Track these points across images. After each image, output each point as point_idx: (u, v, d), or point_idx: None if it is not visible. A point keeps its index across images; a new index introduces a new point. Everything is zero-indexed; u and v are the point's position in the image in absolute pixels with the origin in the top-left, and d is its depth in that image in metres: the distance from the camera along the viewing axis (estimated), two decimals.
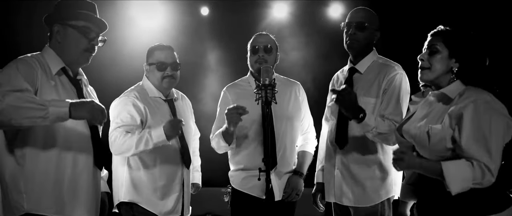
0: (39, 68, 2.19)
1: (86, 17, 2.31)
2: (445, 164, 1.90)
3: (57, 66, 2.27)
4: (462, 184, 1.87)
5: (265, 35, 2.95)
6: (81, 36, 2.29)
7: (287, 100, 2.94)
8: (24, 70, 2.13)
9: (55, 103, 2.04)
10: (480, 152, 1.87)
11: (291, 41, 5.28)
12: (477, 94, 1.96)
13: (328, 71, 3.16)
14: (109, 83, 3.97)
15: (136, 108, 2.71)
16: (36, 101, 2.02)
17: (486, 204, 1.92)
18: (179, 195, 2.79)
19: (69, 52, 2.29)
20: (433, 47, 2.07)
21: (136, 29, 5.16)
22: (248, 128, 2.85)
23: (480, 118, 1.89)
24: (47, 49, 2.31)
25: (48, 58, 2.27)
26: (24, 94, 2.04)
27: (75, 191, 2.23)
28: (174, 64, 2.82)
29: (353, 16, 2.71)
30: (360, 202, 2.63)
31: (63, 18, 2.30)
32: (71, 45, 2.29)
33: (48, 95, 2.15)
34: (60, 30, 2.29)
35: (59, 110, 2.02)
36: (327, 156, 2.79)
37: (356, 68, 2.71)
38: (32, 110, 1.99)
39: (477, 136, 1.88)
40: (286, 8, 5.44)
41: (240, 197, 2.88)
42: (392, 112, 2.54)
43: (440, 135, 1.96)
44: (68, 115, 2.04)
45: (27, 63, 2.17)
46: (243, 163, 2.87)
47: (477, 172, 1.87)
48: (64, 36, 2.29)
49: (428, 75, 2.08)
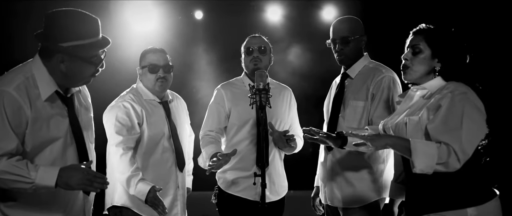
0: (28, 103, 1.95)
1: (96, 45, 2.06)
2: (413, 140, 1.93)
3: (48, 91, 2.01)
4: (426, 160, 1.89)
5: (258, 37, 2.97)
6: (90, 65, 2.06)
7: (279, 105, 2.95)
8: (12, 114, 1.91)
9: (42, 176, 1.89)
10: (449, 136, 1.90)
11: (285, 43, 5.30)
12: (456, 86, 1.99)
13: (323, 73, 3.18)
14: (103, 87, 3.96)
15: (134, 112, 2.72)
16: (23, 173, 1.89)
17: (469, 196, 1.95)
18: (173, 198, 2.78)
19: (73, 80, 2.08)
20: (416, 47, 2.10)
21: (130, 33, 5.15)
22: (240, 130, 2.85)
23: (454, 107, 1.92)
24: (40, 67, 2.01)
25: (40, 82, 1.99)
26: (12, 164, 1.88)
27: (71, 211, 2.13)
28: (166, 67, 2.82)
29: (335, 32, 2.73)
30: (350, 203, 2.65)
31: (70, 52, 1.99)
32: (77, 73, 2.05)
33: (38, 128, 1.97)
34: (66, 60, 2.01)
35: (46, 184, 1.90)
36: (321, 158, 2.82)
37: (348, 73, 2.75)
38: (17, 182, 1.90)
39: (449, 122, 1.91)
40: (280, 11, 5.47)
41: (228, 199, 2.87)
42: (379, 115, 2.58)
43: (417, 126, 1.99)
44: (54, 188, 1.92)
45: (14, 102, 1.91)
46: (233, 164, 2.84)
47: (443, 151, 1.88)
48: (71, 66, 2.02)
49: (412, 75, 2.11)
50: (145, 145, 2.74)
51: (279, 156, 2.94)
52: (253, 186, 2.64)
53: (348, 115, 2.66)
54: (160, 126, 2.79)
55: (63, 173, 1.92)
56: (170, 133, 2.81)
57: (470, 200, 1.94)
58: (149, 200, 2.56)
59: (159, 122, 2.79)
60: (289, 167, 3.07)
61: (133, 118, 2.71)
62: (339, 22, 2.76)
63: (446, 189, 1.97)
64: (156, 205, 2.56)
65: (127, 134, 2.68)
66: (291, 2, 5.45)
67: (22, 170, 1.90)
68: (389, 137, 2.03)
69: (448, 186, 1.97)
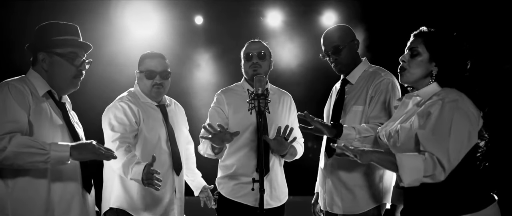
0: (29, 93, 2.17)
1: (72, 43, 2.29)
2: (398, 155, 1.93)
3: (43, 89, 2.24)
4: (413, 174, 1.89)
5: (258, 42, 2.96)
6: (69, 64, 2.27)
7: (279, 110, 2.95)
8: (17, 96, 2.12)
9: (56, 147, 2.07)
10: (435, 146, 1.89)
11: (285, 49, 5.30)
12: (447, 93, 1.98)
13: (322, 79, 3.18)
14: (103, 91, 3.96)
15: (131, 111, 2.72)
16: (38, 146, 2.04)
17: (466, 203, 1.94)
18: (169, 202, 2.77)
19: (57, 80, 2.28)
20: (414, 49, 2.09)
21: (130, 37, 5.16)
22: (240, 136, 2.83)
23: (444, 115, 1.92)
24: (33, 72, 2.28)
25: (34, 81, 2.24)
26: (25, 138, 2.05)
27: (68, 214, 2.19)
28: (164, 73, 2.82)
29: (325, 44, 2.75)
30: (350, 210, 2.64)
31: (49, 46, 2.26)
32: (58, 73, 2.27)
33: (39, 120, 2.15)
34: (46, 58, 2.26)
35: (60, 154, 2.06)
36: (321, 165, 2.81)
37: (348, 79, 2.75)
38: (34, 155, 2.03)
39: (437, 131, 1.90)
40: (280, 17, 5.48)
41: (228, 205, 2.86)
42: (376, 115, 2.58)
43: (409, 134, 1.99)
44: (69, 159, 2.08)
45: (17, 88, 2.14)
46: (233, 170, 2.84)
47: (428, 163, 1.88)
48: (51, 64, 2.26)
49: (408, 77, 2.11)
50: (142, 147, 2.73)
51: (279, 162, 2.93)
52: (253, 193, 2.63)
53: (348, 121, 2.65)
54: (157, 129, 2.78)
55: (74, 146, 2.10)
56: (168, 136, 2.81)
57: (467, 206, 1.93)
58: (145, 177, 2.50)
59: (156, 125, 2.78)
60: (290, 173, 3.06)
61: (130, 116, 2.71)
62: (327, 34, 2.77)
63: (443, 195, 1.96)
64: (151, 180, 2.50)
65: (123, 131, 2.67)
66: (291, 8, 5.46)
67: (37, 143, 2.05)
68: (374, 153, 2.01)
69: (445, 193, 1.95)
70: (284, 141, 2.69)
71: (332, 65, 2.75)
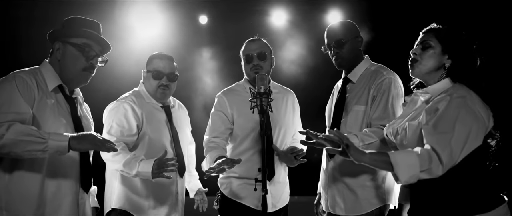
0: (36, 86, 2.17)
1: (88, 35, 2.29)
2: (391, 153, 1.88)
3: (53, 83, 2.24)
4: (409, 170, 1.84)
5: (257, 40, 2.90)
6: (80, 55, 2.27)
7: (283, 108, 2.91)
8: (23, 89, 2.12)
9: (54, 137, 2.05)
10: (437, 139, 1.84)
11: (289, 48, 5.28)
12: (455, 89, 1.94)
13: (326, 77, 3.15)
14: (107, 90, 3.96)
15: (132, 113, 2.69)
16: (36, 134, 2.03)
17: (474, 203, 1.89)
18: (172, 204, 2.75)
19: (67, 71, 2.27)
20: (425, 42, 2.05)
21: (135, 36, 5.17)
22: (245, 139, 2.80)
23: (450, 110, 1.88)
24: (46, 64, 2.29)
25: (46, 74, 2.24)
26: (24, 126, 2.04)
27: (57, 212, 2.18)
28: (171, 75, 2.80)
29: (329, 37, 2.71)
30: (352, 211, 2.59)
31: (65, 35, 2.28)
32: (69, 64, 2.26)
33: (43, 114, 2.14)
34: (61, 47, 2.28)
35: (59, 144, 2.04)
36: (323, 165, 2.78)
37: (349, 78, 2.70)
38: (32, 143, 2.01)
39: (440, 125, 1.86)
40: (285, 16, 5.45)
41: (231, 205, 2.83)
42: (378, 116, 2.52)
43: (416, 131, 1.95)
44: (67, 149, 2.06)
45: (24, 81, 2.14)
46: (237, 171, 2.79)
47: (423, 157, 1.83)
48: (64, 54, 2.27)
49: (420, 68, 2.06)
50: (147, 148, 2.71)
51: (282, 164, 2.90)
52: (256, 194, 2.59)
53: (349, 121, 2.60)
54: (161, 130, 2.76)
55: (74, 136, 2.09)
56: (172, 138, 2.79)
57: (476, 207, 1.88)
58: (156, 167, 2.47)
59: (160, 126, 2.76)
60: (293, 173, 3.03)
61: (131, 120, 2.68)
62: (331, 27, 2.73)
63: (450, 195, 1.91)
64: (165, 166, 2.48)
65: (119, 135, 2.65)
66: (296, 7, 5.43)
67: (35, 131, 2.05)
68: (367, 154, 1.93)
69: (453, 193, 1.91)
70: (294, 159, 2.72)
71: (333, 59, 2.70)
